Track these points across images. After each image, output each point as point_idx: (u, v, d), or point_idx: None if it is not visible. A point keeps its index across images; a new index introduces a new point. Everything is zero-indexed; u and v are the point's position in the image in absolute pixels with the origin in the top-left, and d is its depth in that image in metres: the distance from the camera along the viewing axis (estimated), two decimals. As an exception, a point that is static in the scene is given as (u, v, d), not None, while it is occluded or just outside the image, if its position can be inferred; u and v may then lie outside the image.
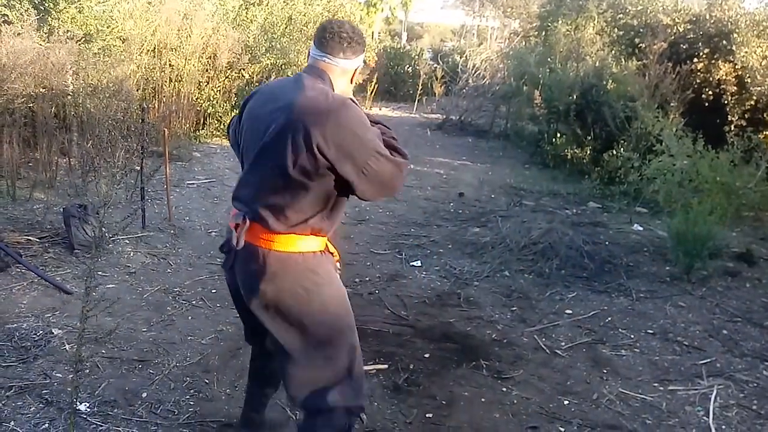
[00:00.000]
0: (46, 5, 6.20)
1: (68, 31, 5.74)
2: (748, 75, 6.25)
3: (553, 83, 7.89)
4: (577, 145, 7.46)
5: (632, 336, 3.39)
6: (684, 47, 7.19)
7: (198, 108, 7.65)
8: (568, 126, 7.67)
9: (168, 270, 3.94)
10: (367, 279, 4.05)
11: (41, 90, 5.23)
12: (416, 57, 14.57)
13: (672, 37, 7.25)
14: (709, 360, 3.15)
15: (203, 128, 7.84)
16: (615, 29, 8.52)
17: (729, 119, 6.29)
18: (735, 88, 6.38)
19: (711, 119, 6.40)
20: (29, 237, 4.03)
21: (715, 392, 2.84)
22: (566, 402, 2.75)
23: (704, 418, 2.66)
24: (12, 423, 2.32)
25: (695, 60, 6.86)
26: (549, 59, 8.78)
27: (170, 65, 7.18)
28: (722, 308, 3.76)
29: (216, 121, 7.79)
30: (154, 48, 7.07)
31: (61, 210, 4.15)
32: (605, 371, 3.02)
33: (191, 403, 2.56)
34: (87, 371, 2.66)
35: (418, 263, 4.35)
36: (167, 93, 7.24)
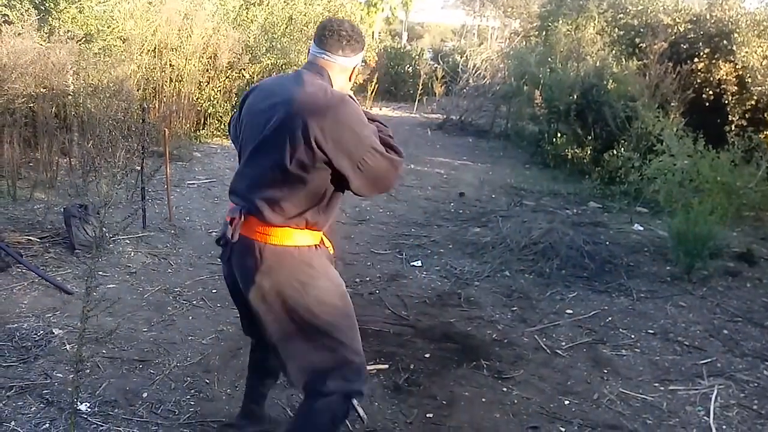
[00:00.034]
0: (47, 5, 6.21)
1: (69, 31, 5.74)
2: (749, 75, 6.25)
3: (554, 83, 7.89)
4: (578, 145, 7.46)
5: (633, 336, 3.39)
6: (684, 47, 7.18)
7: (198, 108, 7.65)
8: (569, 126, 7.66)
9: (168, 270, 3.95)
10: (368, 279, 4.05)
11: (42, 90, 5.24)
12: (417, 57, 14.57)
13: (672, 37, 7.25)
14: (710, 360, 3.15)
15: (204, 128, 7.84)
16: (615, 29, 8.52)
17: (729, 119, 6.29)
18: (735, 88, 6.38)
19: (712, 119, 6.39)
20: (30, 237, 4.03)
21: (716, 392, 2.84)
22: (567, 402, 2.75)
23: (705, 418, 2.66)
24: (13, 423, 2.32)
25: (696, 60, 6.86)
26: (549, 59, 8.78)
27: (171, 65, 7.18)
28: (723, 308, 3.76)
29: (216, 121, 7.80)
30: (155, 48, 7.08)
31: (62, 210, 4.15)
32: (606, 371, 3.02)
33: (192, 403, 2.56)
34: (88, 371, 2.66)
35: (419, 263, 4.35)
36: (168, 93, 7.24)
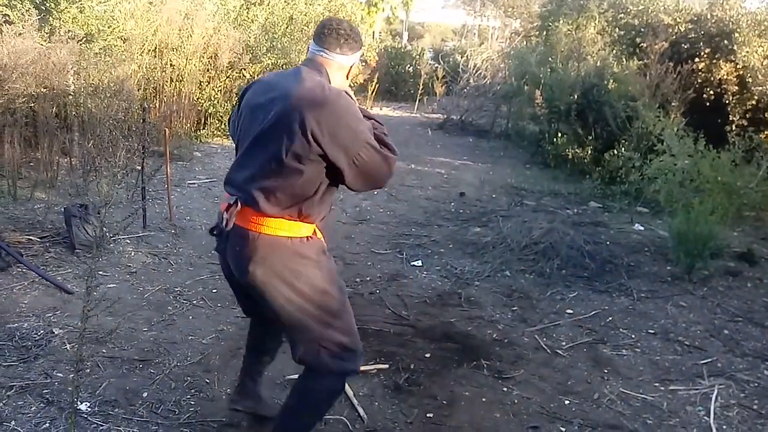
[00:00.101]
0: (48, 5, 6.22)
1: (69, 31, 5.75)
2: (750, 75, 6.24)
3: (554, 83, 7.88)
4: (578, 145, 7.45)
5: (633, 336, 3.39)
6: (685, 47, 7.17)
7: (199, 108, 7.65)
8: (569, 126, 7.65)
9: (169, 270, 3.95)
10: (368, 279, 4.05)
11: (42, 90, 5.24)
12: (417, 57, 14.55)
13: (673, 37, 7.24)
14: (710, 360, 3.15)
15: (204, 128, 7.83)
16: (616, 29, 8.51)
17: (730, 119, 6.28)
18: (736, 88, 6.38)
19: (712, 119, 6.39)
20: (30, 237, 4.03)
21: (716, 392, 2.84)
22: (567, 402, 2.75)
23: (705, 418, 2.66)
24: (13, 422, 2.32)
25: (696, 60, 6.85)
26: (550, 59, 8.77)
27: (171, 65, 7.18)
28: (723, 308, 3.75)
29: (217, 121, 7.80)
30: (155, 48, 7.07)
31: (62, 210, 4.15)
32: (606, 371, 3.02)
33: (192, 403, 2.56)
34: (88, 371, 2.66)
35: (419, 263, 4.35)
36: (168, 93, 7.24)
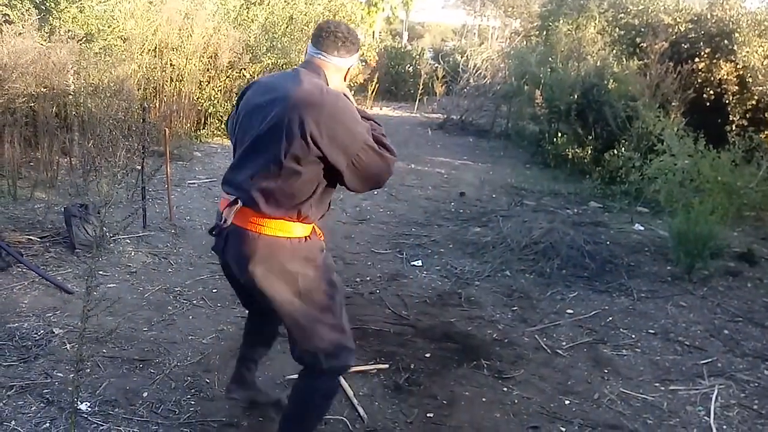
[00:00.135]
0: (48, 5, 6.22)
1: (69, 31, 5.75)
2: (750, 75, 6.24)
3: (554, 83, 7.88)
4: (578, 145, 7.45)
5: (633, 336, 3.39)
6: (685, 47, 7.17)
7: (199, 107, 7.66)
8: (569, 126, 7.65)
9: (169, 269, 3.95)
10: (368, 278, 4.05)
11: (42, 89, 5.24)
12: (417, 56, 14.55)
13: (673, 37, 7.24)
14: (711, 360, 3.15)
15: (204, 128, 7.84)
16: (616, 29, 8.51)
17: (730, 119, 6.29)
18: (736, 88, 6.38)
19: (712, 119, 6.39)
20: (30, 236, 4.03)
21: (716, 392, 2.84)
22: (567, 402, 2.75)
23: (705, 418, 2.66)
24: (13, 422, 2.32)
25: (696, 59, 6.85)
26: (550, 59, 8.77)
27: (171, 65, 7.18)
28: (723, 308, 3.75)
29: (217, 121, 7.79)
30: (155, 48, 7.08)
31: (62, 209, 4.15)
32: (606, 371, 3.02)
33: (192, 403, 2.56)
34: (88, 371, 2.66)
35: (419, 263, 4.35)
36: (168, 92, 7.24)
